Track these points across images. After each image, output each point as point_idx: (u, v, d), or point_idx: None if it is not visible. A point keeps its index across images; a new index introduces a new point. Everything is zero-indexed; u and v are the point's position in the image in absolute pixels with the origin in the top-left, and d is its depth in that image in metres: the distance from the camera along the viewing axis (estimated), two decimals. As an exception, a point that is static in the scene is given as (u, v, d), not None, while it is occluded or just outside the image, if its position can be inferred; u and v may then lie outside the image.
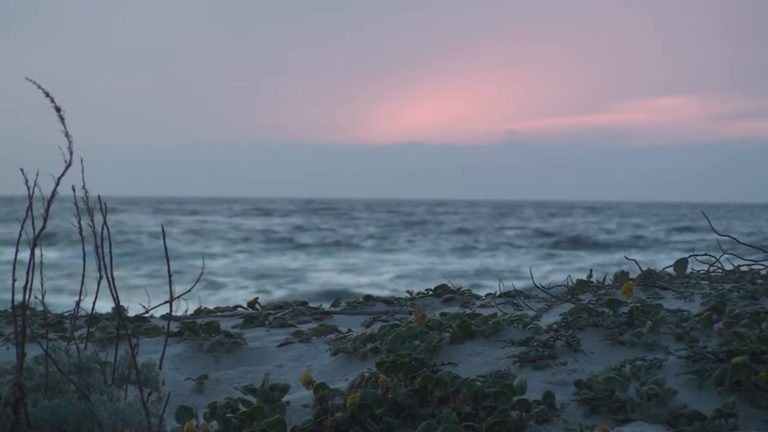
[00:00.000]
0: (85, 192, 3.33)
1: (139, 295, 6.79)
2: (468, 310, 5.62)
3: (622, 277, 6.10)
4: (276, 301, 7.25)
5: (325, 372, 4.97)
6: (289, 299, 7.34)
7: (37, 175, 3.21)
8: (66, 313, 6.55)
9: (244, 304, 7.07)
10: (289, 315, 6.52)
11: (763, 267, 5.95)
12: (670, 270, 6.02)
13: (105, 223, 3.39)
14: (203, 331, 5.73)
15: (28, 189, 3.21)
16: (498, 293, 6.51)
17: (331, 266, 38.82)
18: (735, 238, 6.13)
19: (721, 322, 4.57)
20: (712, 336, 4.55)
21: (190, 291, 4.49)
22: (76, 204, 3.35)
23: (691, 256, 6.10)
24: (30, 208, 3.21)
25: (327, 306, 7.00)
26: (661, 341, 4.54)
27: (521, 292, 6.43)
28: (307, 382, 4.26)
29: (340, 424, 3.96)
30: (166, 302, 4.74)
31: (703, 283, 5.85)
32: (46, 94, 3.02)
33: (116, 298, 3.43)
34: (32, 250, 3.21)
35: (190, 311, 6.92)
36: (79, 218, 3.41)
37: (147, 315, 6.56)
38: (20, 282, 3.22)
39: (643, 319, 4.75)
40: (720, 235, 6.08)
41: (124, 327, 3.70)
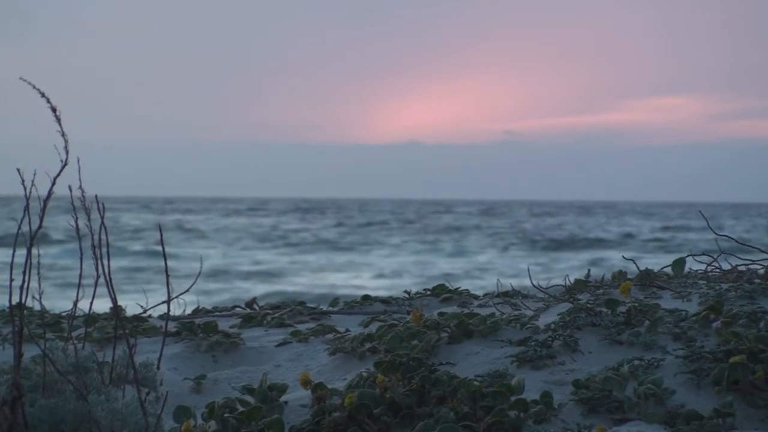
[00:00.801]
0: (82, 192, 3.32)
1: (137, 294, 6.78)
2: (466, 310, 5.62)
3: (619, 276, 6.10)
4: (274, 301, 7.24)
5: (323, 372, 4.96)
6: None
7: (35, 174, 3.20)
8: (64, 313, 6.54)
9: (242, 304, 7.07)
10: (287, 315, 6.51)
11: (761, 266, 5.95)
12: (668, 270, 6.02)
13: (102, 223, 3.39)
14: (201, 330, 5.73)
15: (24, 189, 3.20)
16: (496, 293, 6.50)
17: (319, 266, 38.76)
18: (732, 237, 6.13)
19: (719, 322, 4.57)
20: (710, 336, 4.55)
21: (187, 291, 4.49)
22: (72, 203, 3.34)
23: (688, 256, 6.10)
24: (27, 208, 3.20)
25: (325, 306, 7.00)
26: (659, 341, 4.53)
27: (519, 292, 6.43)
28: (305, 382, 4.26)
29: (338, 423, 3.95)
30: (163, 302, 4.73)
31: (701, 282, 5.85)
32: (42, 95, 3.02)
33: (114, 298, 3.43)
34: (29, 250, 3.21)
35: (188, 311, 6.92)
36: (76, 218, 3.40)
37: (145, 315, 6.55)
38: (17, 282, 3.22)
39: (640, 319, 4.75)
40: (717, 234, 6.07)
41: (122, 327, 3.69)
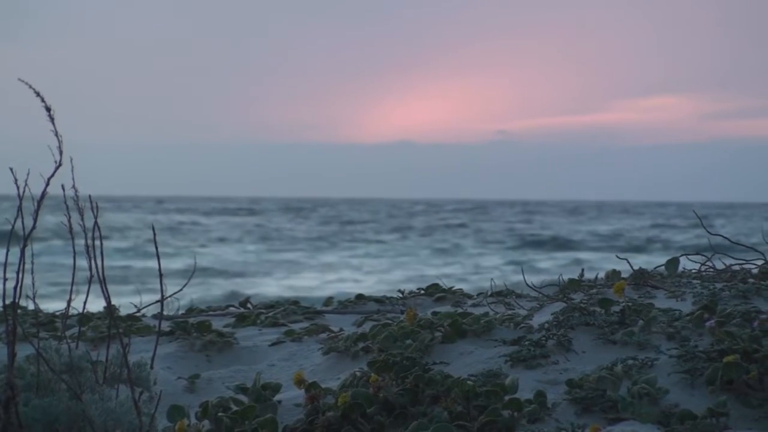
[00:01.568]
0: (75, 191, 3.32)
1: (130, 293, 6.77)
2: (459, 309, 5.62)
3: (613, 276, 6.11)
4: (268, 300, 7.24)
5: (317, 371, 4.96)
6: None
7: (28, 174, 3.20)
8: (57, 312, 6.53)
9: (236, 304, 7.06)
10: (280, 314, 6.51)
11: (755, 266, 5.96)
12: (662, 269, 6.02)
13: (96, 223, 3.38)
14: (195, 330, 5.72)
15: (18, 188, 3.20)
16: (489, 292, 6.50)
17: (308, 265, 38.70)
18: (726, 237, 6.14)
19: (713, 321, 4.57)
20: (704, 335, 4.55)
21: (181, 290, 4.49)
22: (66, 203, 3.34)
23: (682, 255, 6.10)
24: (20, 208, 3.20)
25: (318, 305, 7.00)
26: (653, 340, 4.54)
27: (513, 291, 6.43)
28: (299, 382, 4.26)
29: (332, 423, 3.95)
30: (157, 301, 4.73)
31: (695, 282, 5.85)
32: (37, 94, 3.01)
33: (107, 297, 3.43)
34: (22, 250, 3.21)
35: (182, 310, 6.91)
36: (69, 217, 3.40)
37: (138, 314, 6.55)
38: (11, 282, 3.21)
39: (634, 319, 4.75)
40: (711, 234, 6.08)
41: (116, 326, 3.69)
